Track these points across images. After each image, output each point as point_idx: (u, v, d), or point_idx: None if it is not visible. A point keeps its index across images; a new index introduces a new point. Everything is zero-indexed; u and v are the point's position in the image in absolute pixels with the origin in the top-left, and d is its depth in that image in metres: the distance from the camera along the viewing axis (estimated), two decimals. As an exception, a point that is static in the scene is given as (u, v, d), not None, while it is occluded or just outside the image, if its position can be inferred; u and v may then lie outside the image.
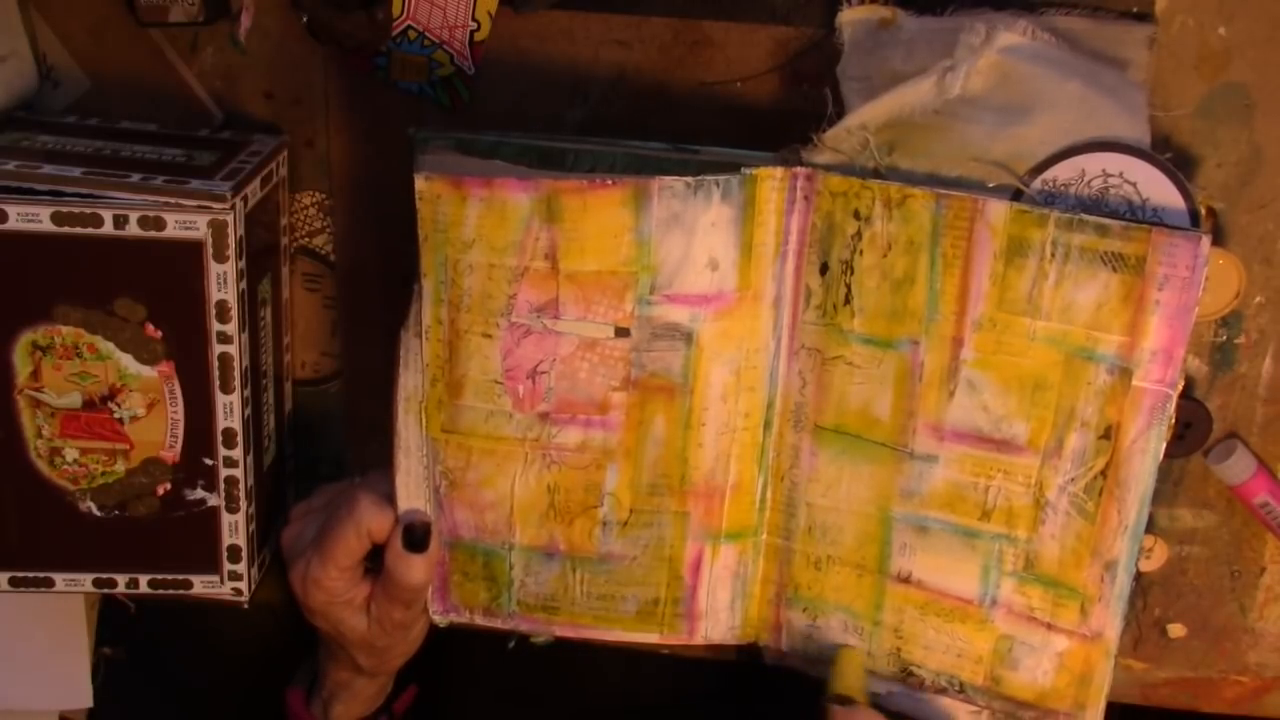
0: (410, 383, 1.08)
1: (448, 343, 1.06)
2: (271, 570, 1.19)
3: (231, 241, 1.03)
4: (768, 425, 1.10)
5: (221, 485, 1.10)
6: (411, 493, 1.11)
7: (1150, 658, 1.23)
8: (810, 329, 1.07)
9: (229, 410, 1.08)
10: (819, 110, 1.06)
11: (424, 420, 1.08)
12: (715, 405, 1.08)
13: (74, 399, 1.08)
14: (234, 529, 1.12)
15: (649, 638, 1.15)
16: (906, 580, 1.10)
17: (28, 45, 1.15)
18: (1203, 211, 1.02)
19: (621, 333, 1.05)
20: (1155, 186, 1.01)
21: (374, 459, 1.19)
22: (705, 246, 1.03)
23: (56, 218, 1.02)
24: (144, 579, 1.13)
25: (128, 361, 1.07)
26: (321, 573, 1.10)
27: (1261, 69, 1.08)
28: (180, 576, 1.13)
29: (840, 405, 1.08)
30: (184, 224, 1.03)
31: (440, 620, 1.15)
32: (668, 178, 1.01)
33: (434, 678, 1.31)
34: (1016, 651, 1.09)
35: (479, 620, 1.15)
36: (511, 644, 1.19)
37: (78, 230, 1.03)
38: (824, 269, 1.05)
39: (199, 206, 1.03)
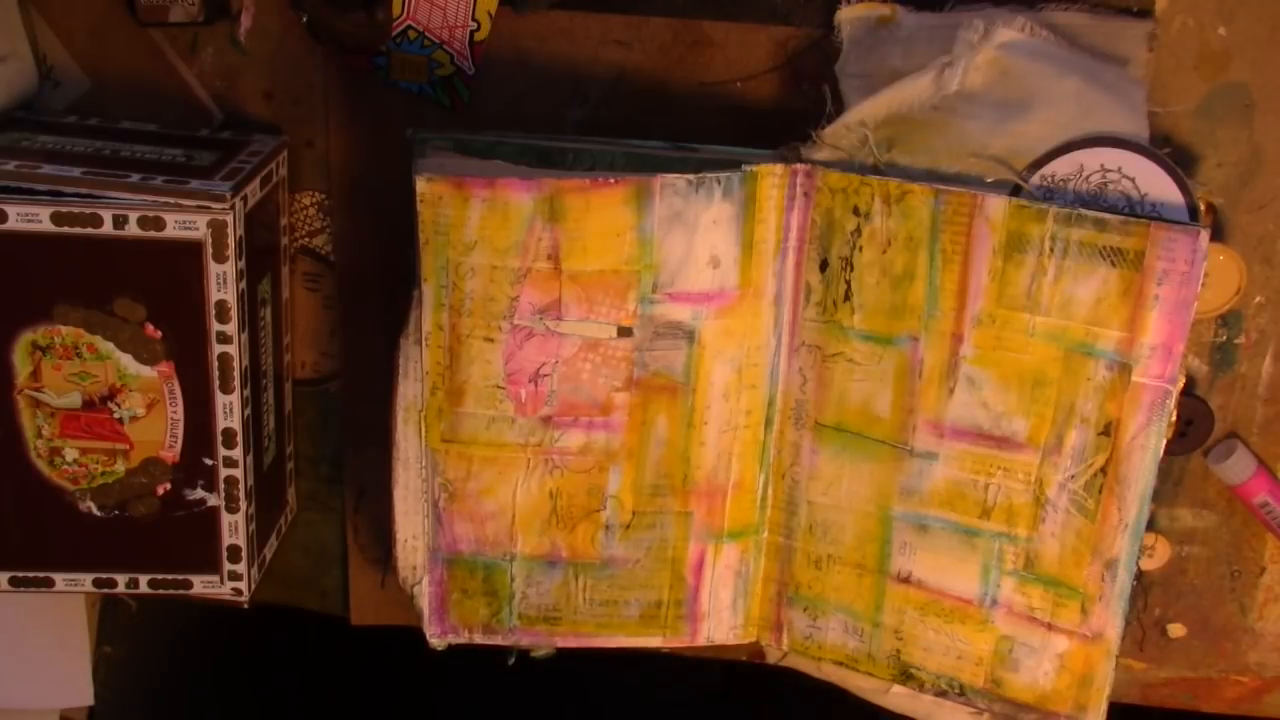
0: (410, 392, 1.08)
1: (448, 349, 1.05)
2: (271, 570, 1.19)
3: (231, 241, 1.03)
4: (769, 423, 1.10)
5: (221, 485, 1.10)
6: (410, 507, 1.11)
7: (1150, 658, 1.23)
8: (810, 326, 1.07)
9: (229, 410, 1.08)
10: (818, 110, 1.07)
11: (423, 431, 1.08)
12: (717, 403, 1.08)
13: (74, 399, 1.08)
14: (234, 529, 1.11)
15: (651, 641, 1.15)
16: (906, 580, 1.10)
17: (28, 45, 1.15)
18: (1201, 207, 1.02)
19: (624, 332, 1.05)
20: (1153, 182, 1.01)
21: (372, 460, 1.19)
22: (707, 244, 1.03)
23: (56, 218, 1.02)
24: (144, 579, 1.13)
25: (128, 361, 1.07)
26: None
27: (1261, 69, 1.08)
28: (180, 576, 1.13)
29: (841, 402, 1.08)
30: (184, 224, 1.03)
31: (438, 643, 1.15)
32: (670, 175, 1.01)
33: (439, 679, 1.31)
34: (1017, 653, 1.09)
35: (478, 638, 1.15)
36: (511, 660, 1.18)
37: (78, 230, 1.03)
38: (824, 266, 1.06)
39: (199, 206, 1.03)
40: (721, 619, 1.15)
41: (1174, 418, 1.00)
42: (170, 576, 1.13)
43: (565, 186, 1.01)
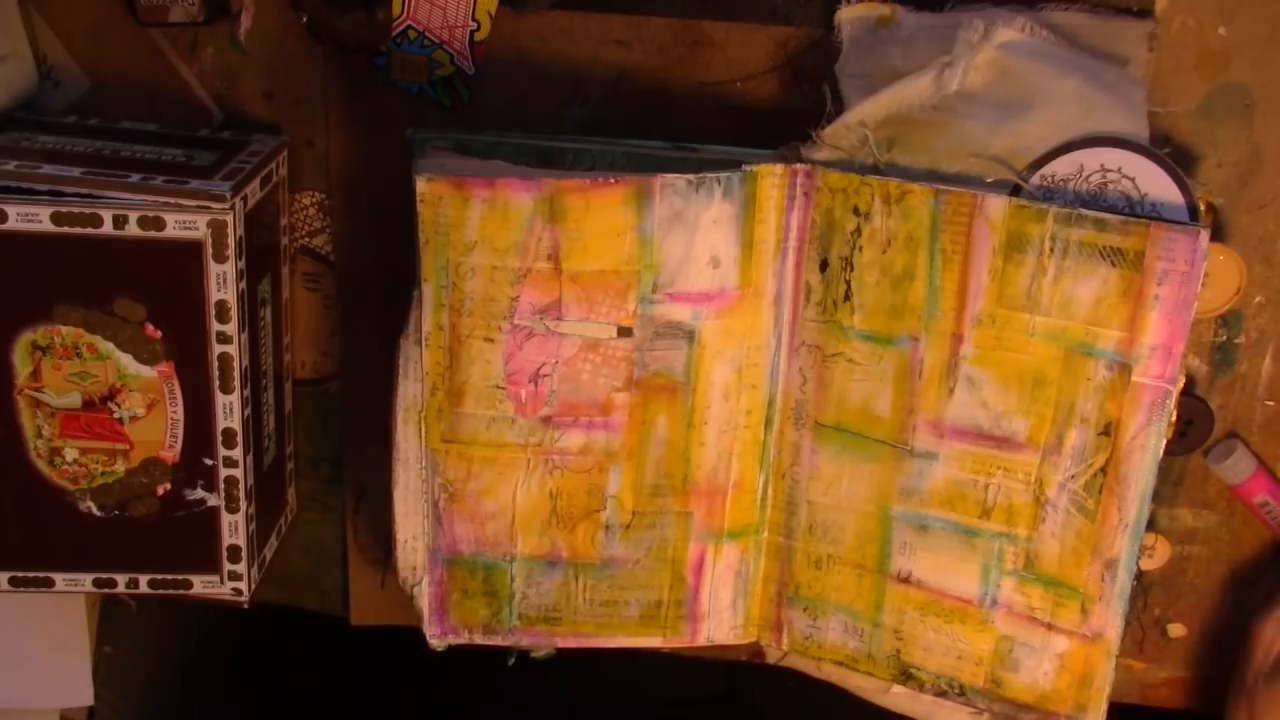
0: (410, 392, 1.08)
1: (448, 349, 1.05)
2: (271, 570, 1.19)
3: (231, 241, 1.03)
4: (769, 423, 1.10)
5: (221, 485, 1.10)
6: (410, 508, 1.11)
7: (1150, 658, 1.23)
8: (810, 326, 1.07)
9: (229, 410, 1.08)
10: (818, 110, 1.07)
11: (423, 431, 1.08)
12: (717, 403, 1.08)
13: (74, 399, 1.08)
14: (234, 529, 1.11)
15: (651, 642, 1.15)
16: (906, 580, 1.10)
17: (28, 45, 1.15)
18: (1201, 207, 1.02)
19: (624, 332, 1.05)
20: (1153, 182, 1.01)
21: (372, 460, 1.19)
22: (707, 244, 1.03)
23: (56, 218, 1.02)
24: (144, 579, 1.13)
25: (127, 361, 1.07)
26: None
27: (1261, 69, 1.08)
28: (180, 576, 1.13)
29: (840, 402, 1.08)
30: (184, 224, 1.03)
31: (438, 644, 1.15)
32: (670, 175, 1.01)
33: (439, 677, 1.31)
34: (1017, 653, 1.09)
35: (478, 639, 1.15)
36: (511, 660, 1.18)
37: (78, 230, 1.03)
38: (824, 265, 1.06)
39: (199, 206, 1.03)
40: (721, 619, 1.15)
41: (1174, 418, 1.00)
42: (170, 576, 1.13)
43: (565, 186, 1.01)
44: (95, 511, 1.11)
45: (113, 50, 1.16)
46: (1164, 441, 1.01)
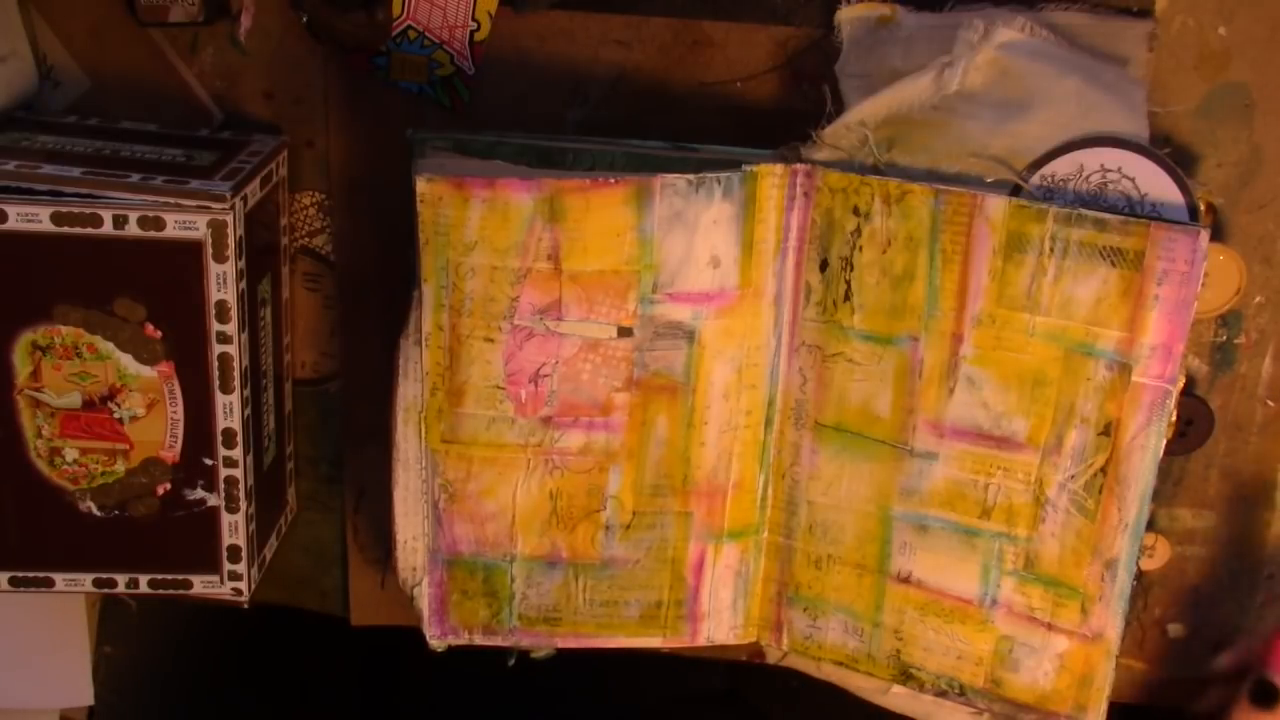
0: (410, 393, 1.08)
1: (448, 349, 1.05)
2: (271, 570, 1.19)
3: (231, 241, 1.03)
4: (769, 423, 1.10)
5: (221, 485, 1.10)
6: (410, 508, 1.11)
7: (1150, 658, 1.23)
8: (810, 326, 1.07)
9: (229, 410, 1.08)
10: (818, 110, 1.07)
11: (423, 431, 1.08)
12: (717, 403, 1.08)
13: (74, 399, 1.08)
14: (234, 529, 1.11)
15: (651, 642, 1.15)
16: (906, 580, 1.10)
17: (28, 45, 1.15)
18: (1201, 207, 1.02)
19: (624, 332, 1.05)
20: (1154, 182, 1.01)
21: (372, 460, 1.19)
22: (707, 244, 1.03)
23: (56, 218, 1.02)
24: (144, 579, 1.13)
25: (127, 361, 1.07)
26: None
27: (1261, 69, 1.08)
28: (180, 576, 1.13)
29: (840, 402, 1.08)
30: (184, 224, 1.03)
31: (438, 645, 1.15)
32: (670, 175, 1.01)
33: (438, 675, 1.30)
34: (1017, 653, 1.09)
35: (478, 639, 1.15)
36: (511, 661, 1.18)
37: (78, 230, 1.03)
38: (824, 265, 1.06)
39: (199, 206, 1.03)
40: (721, 619, 1.15)
41: (1174, 418, 1.01)
42: (170, 576, 1.13)
43: (565, 186, 1.01)
44: (95, 511, 1.11)
45: (113, 50, 1.16)
46: (1164, 441, 1.01)
